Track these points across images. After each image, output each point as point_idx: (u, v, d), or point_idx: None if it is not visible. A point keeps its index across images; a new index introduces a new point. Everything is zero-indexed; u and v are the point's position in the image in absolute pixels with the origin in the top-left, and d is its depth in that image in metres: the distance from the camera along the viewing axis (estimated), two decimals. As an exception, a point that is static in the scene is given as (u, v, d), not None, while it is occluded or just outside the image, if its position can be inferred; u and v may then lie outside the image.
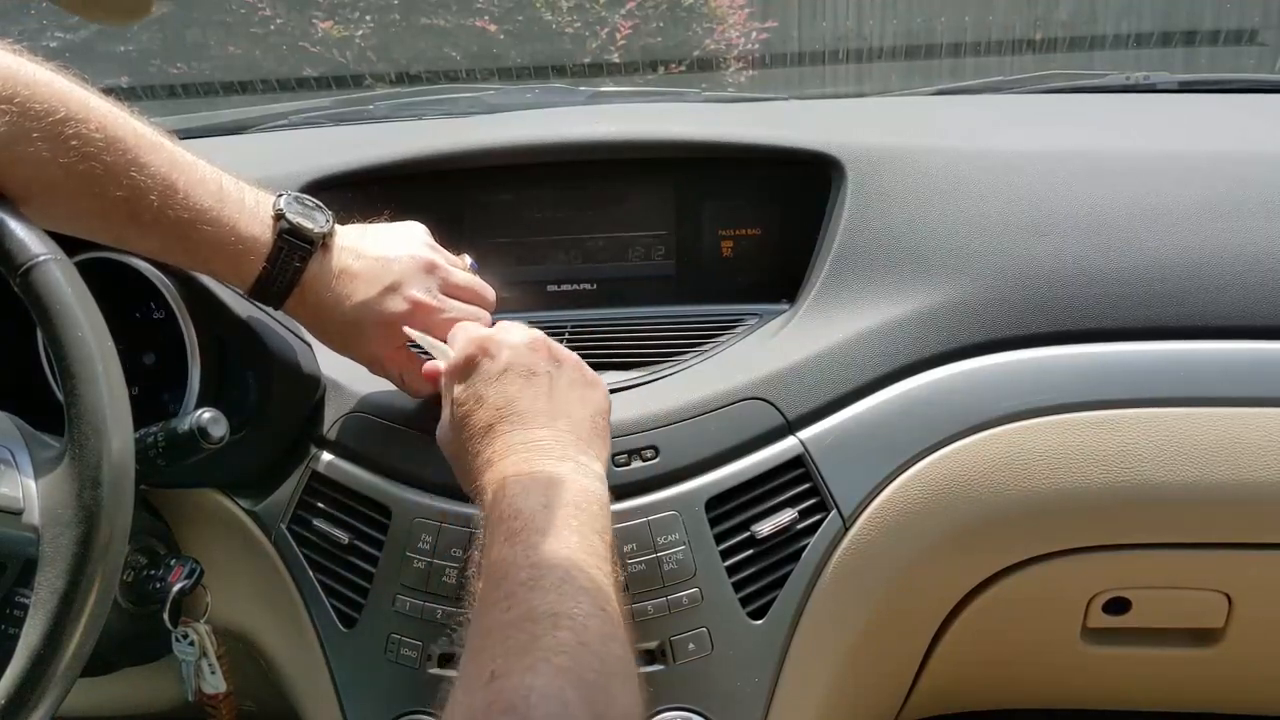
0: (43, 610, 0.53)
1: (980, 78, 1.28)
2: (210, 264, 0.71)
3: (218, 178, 0.69)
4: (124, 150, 0.63)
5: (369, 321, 0.75)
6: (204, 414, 0.69)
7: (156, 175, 0.65)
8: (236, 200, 0.70)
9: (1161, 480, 0.81)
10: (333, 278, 0.74)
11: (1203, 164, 0.91)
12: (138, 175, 0.64)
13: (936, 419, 0.82)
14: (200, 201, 0.67)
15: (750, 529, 0.79)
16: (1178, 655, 0.95)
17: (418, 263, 0.77)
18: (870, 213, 0.90)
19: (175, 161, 0.66)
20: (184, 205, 0.66)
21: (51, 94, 0.60)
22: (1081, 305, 0.84)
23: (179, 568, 0.79)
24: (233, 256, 0.70)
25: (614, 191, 0.99)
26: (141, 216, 0.65)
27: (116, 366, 0.57)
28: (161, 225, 0.66)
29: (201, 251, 0.69)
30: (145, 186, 0.64)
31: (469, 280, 0.81)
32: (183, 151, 0.68)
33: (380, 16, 5.14)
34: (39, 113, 0.59)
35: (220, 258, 0.70)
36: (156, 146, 0.66)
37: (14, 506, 0.57)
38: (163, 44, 5.22)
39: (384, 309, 0.75)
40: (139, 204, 0.65)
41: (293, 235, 0.71)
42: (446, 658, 0.80)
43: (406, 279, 0.76)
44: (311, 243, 0.72)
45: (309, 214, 0.73)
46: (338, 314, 0.74)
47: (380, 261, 0.76)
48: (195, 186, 0.67)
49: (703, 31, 5.43)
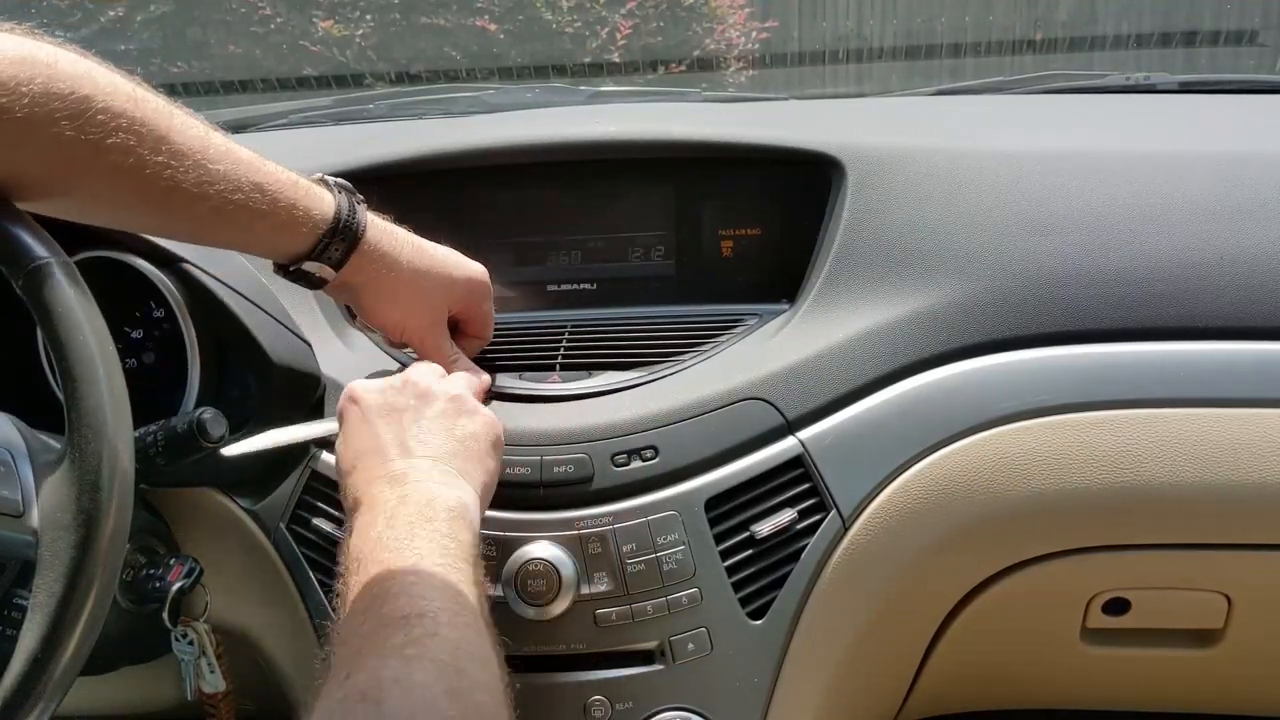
0: (41, 613, 0.53)
1: (980, 78, 1.28)
2: (258, 233, 0.69)
3: (252, 151, 0.68)
4: (156, 122, 0.61)
5: (443, 281, 0.79)
6: (203, 413, 0.69)
7: (191, 143, 0.63)
8: (275, 167, 0.69)
9: (1161, 481, 0.81)
10: (392, 239, 0.76)
11: (1203, 164, 0.91)
12: (176, 142, 0.62)
13: (936, 419, 0.82)
14: (241, 168, 0.66)
15: (750, 529, 0.79)
16: (1177, 656, 0.95)
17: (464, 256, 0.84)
18: (870, 213, 0.90)
19: (209, 132, 0.65)
20: (226, 171, 0.65)
21: (75, 73, 0.58)
22: (1081, 305, 0.84)
23: (178, 567, 0.79)
24: (286, 221, 0.69)
25: (614, 191, 0.99)
26: (182, 183, 0.63)
27: (118, 370, 0.57)
28: (204, 201, 0.64)
29: (254, 218, 0.67)
30: (183, 152, 0.62)
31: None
32: (216, 129, 0.66)
33: (380, 16, 5.14)
34: (62, 91, 0.57)
35: (268, 224, 0.68)
36: (188, 120, 0.64)
37: (14, 509, 0.57)
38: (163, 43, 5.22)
39: (462, 268, 0.81)
40: (178, 170, 0.62)
41: (344, 191, 0.73)
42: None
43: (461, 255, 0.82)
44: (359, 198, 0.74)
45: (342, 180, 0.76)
46: (405, 274, 0.77)
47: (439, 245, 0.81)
48: (232, 154, 0.66)
49: (703, 31, 5.43)
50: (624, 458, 0.81)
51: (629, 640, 0.80)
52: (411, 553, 0.58)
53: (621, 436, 0.81)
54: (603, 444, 0.81)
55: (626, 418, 0.82)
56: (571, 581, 0.78)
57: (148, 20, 5.25)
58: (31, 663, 0.52)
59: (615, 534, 0.79)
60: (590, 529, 0.79)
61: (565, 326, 0.95)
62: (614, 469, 0.80)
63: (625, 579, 0.78)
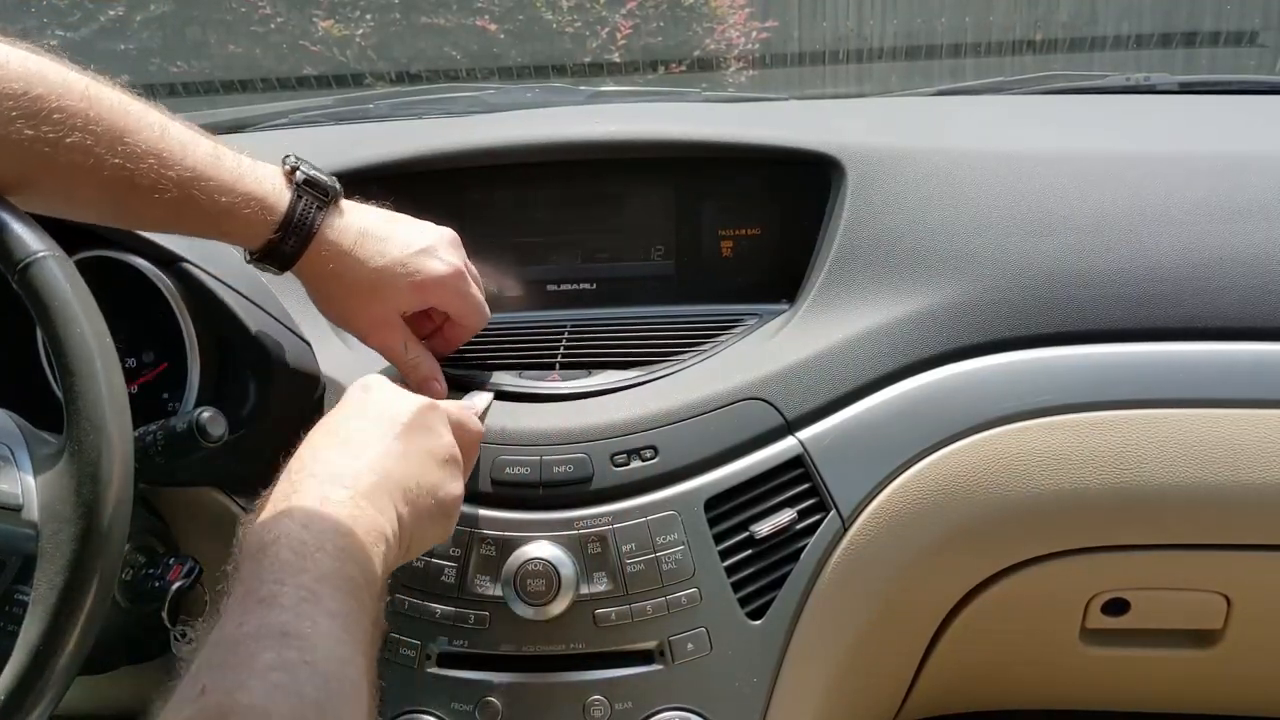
0: (42, 607, 0.53)
1: (981, 78, 1.28)
2: (220, 224, 0.69)
3: (211, 141, 0.68)
4: (111, 120, 0.62)
5: (399, 281, 0.75)
6: (203, 413, 0.69)
7: (149, 140, 0.63)
8: (234, 160, 0.69)
9: (1161, 481, 0.81)
10: (355, 236, 0.74)
11: (1203, 165, 0.91)
12: (131, 142, 0.62)
13: (936, 419, 0.82)
14: (198, 162, 0.66)
15: (749, 529, 0.79)
16: (1176, 656, 0.95)
17: (445, 234, 0.80)
18: (870, 213, 0.90)
19: (166, 125, 0.65)
20: (183, 166, 0.65)
21: (25, 71, 0.58)
22: (1081, 306, 0.84)
23: (178, 566, 0.79)
24: (243, 214, 0.69)
25: (614, 191, 0.99)
26: (140, 183, 0.63)
27: (116, 364, 0.57)
28: (163, 189, 0.64)
29: (210, 211, 0.67)
30: (140, 152, 0.63)
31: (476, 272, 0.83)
32: (170, 117, 0.66)
33: (380, 15, 5.14)
34: (14, 92, 0.57)
35: (229, 216, 0.69)
36: (143, 112, 0.64)
37: (13, 503, 0.57)
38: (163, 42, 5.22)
39: (421, 267, 0.76)
40: (136, 170, 0.63)
41: (310, 185, 0.72)
42: (445, 657, 0.80)
43: (440, 245, 0.78)
44: (327, 193, 0.73)
45: (319, 171, 0.74)
46: (361, 273, 0.74)
47: (409, 226, 0.78)
48: (190, 147, 0.66)
49: (703, 31, 5.43)
50: (624, 458, 0.81)
51: (628, 640, 0.80)
52: (312, 564, 0.53)
53: (621, 436, 0.81)
54: (602, 444, 0.81)
55: (626, 418, 0.82)
56: (571, 581, 0.78)
57: (147, 20, 5.25)
58: (34, 655, 0.52)
59: (615, 534, 0.79)
60: (590, 529, 0.79)
61: (565, 326, 0.95)
62: (613, 469, 0.80)
63: (625, 579, 0.78)
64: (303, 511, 0.57)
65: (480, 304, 0.82)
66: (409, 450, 0.65)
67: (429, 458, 0.66)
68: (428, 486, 0.65)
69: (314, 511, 0.57)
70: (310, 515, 0.56)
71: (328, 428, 0.66)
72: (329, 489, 0.59)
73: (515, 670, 0.80)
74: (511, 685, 0.79)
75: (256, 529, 0.56)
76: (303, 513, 0.57)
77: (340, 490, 0.59)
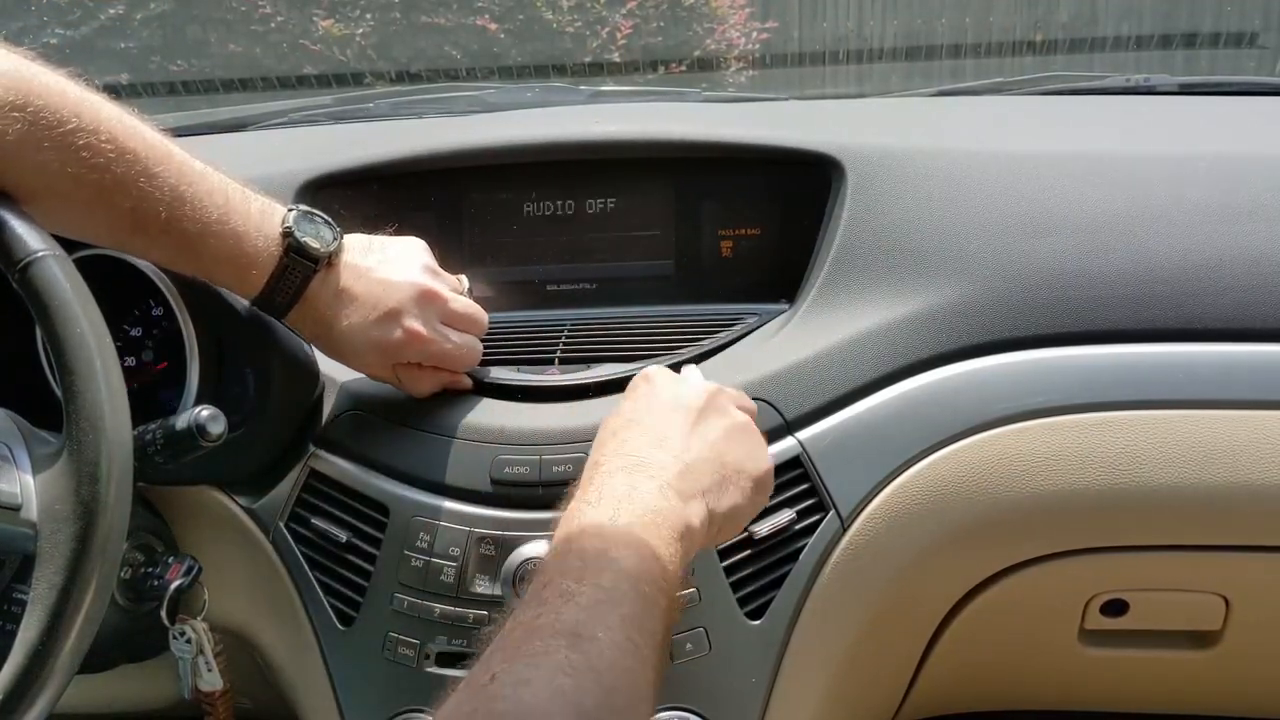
0: (40, 606, 0.53)
1: (981, 79, 1.28)
2: (216, 275, 0.72)
3: (225, 189, 0.70)
4: (133, 162, 0.64)
5: (365, 344, 0.77)
6: (202, 411, 0.69)
7: (164, 187, 0.65)
8: (243, 213, 0.70)
9: (1160, 482, 0.81)
10: (334, 295, 0.75)
11: (1202, 166, 0.91)
12: (146, 186, 0.64)
13: (935, 420, 0.82)
14: (207, 214, 0.68)
15: (748, 529, 0.79)
16: (1175, 657, 0.95)
17: (417, 291, 0.78)
18: (870, 213, 0.90)
19: (183, 173, 0.67)
20: (190, 218, 0.67)
21: (64, 103, 0.60)
22: (1080, 307, 0.84)
23: (177, 565, 0.79)
24: (238, 269, 0.71)
25: (614, 191, 0.99)
26: (148, 228, 0.66)
27: (115, 363, 0.57)
28: (168, 236, 0.67)
29: (206, 262, 0.70)
30: (153, 198, 0.65)
31: (465, 307, 0.82)
32: (191, 161, 0.68)
33: (380, 15, 5.14)
34: (51, 122, 0.59)
35: (226, 269, 0.71)
36: (165, 158, 0.66)
37: (12, 502, 0.57)
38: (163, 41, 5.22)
39: (381, 335, 0.77)
40: (146, 215, 0.65)
41: (299, 254, 0.72)
42: (444, 656, 0.80)
43: (405, 308, 0.77)
44: (316, 261, 0.73)
45: (317, 231, 0.74)
46: (336, 330, 0.76)
47: (381, 286, 0.77)
48: (202, 198, 0.68)
49: (703, 31, 5.43)
50: (623, 457, 0.80)
51: (627, 640, 0.79)
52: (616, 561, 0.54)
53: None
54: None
55: (625, 417, 0.82)
56: (570, 581, 0.77)
57: (148, 18, 5.25)
58: (32, 654, 0.52)
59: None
60: (589, 528, 0.79)
61: (564, 325, 0.95)
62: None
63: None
64: (611, 503, 0.58)
65: (454, 350, 0.81)
66: (708, 433, 0.67)
67: (728, 437, 0.68)
68: (734, 464, 0.67)
69: (621, 503, 0.58)
70: (618, 508, 0.58)
71: (628, 418, 0.68)
72: (637, 479, 0.61)
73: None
74: None
75: (566, 519, 0.58)
76: (611, 504, 0.58)
77: (648, 480, 0.60)
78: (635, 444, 0.64)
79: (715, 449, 0.66)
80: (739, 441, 0.68)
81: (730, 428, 0.68)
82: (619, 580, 0.53)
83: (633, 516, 0.57)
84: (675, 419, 0.66)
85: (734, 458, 0.67)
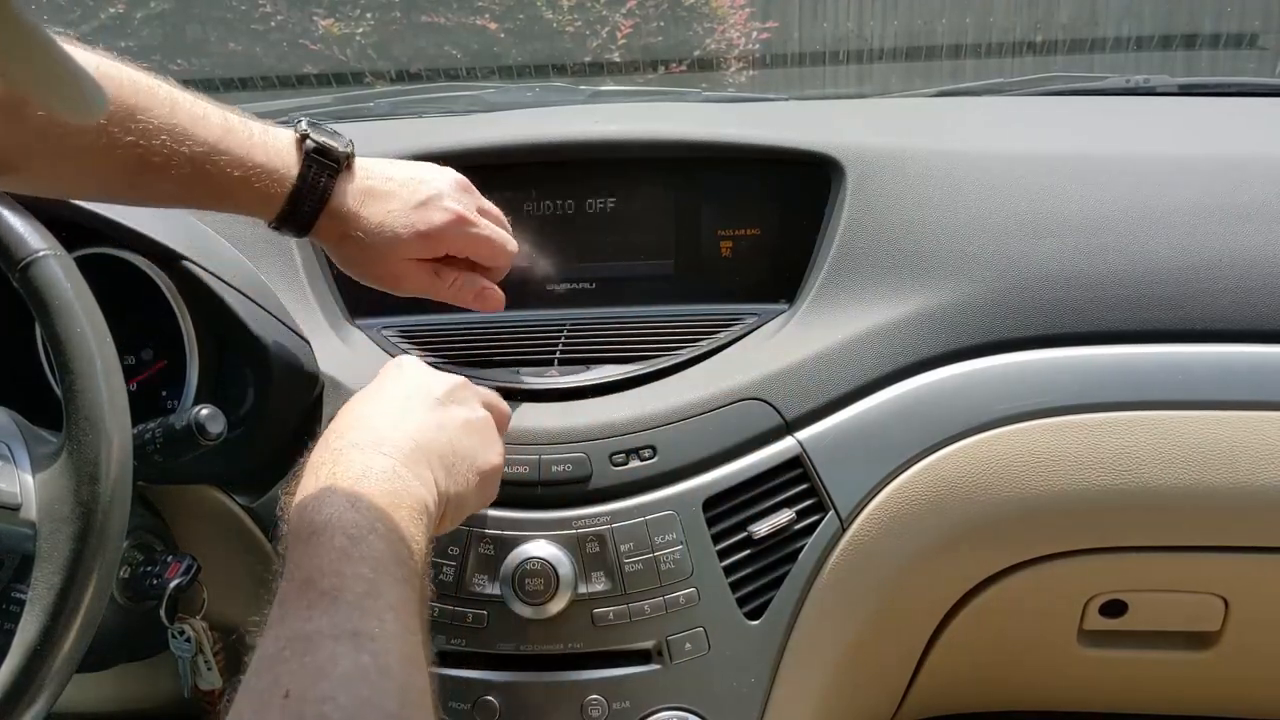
0: (39, 606, 0.53)
1: (980, 79, 1.28)
2: (234, 197, 0.70)
3: (221, 111, 0.69)
4: (122, 98, 0.62)
5: (408, 233, 0.76)
6: (202, 410, 0.69)
7: (159, 116, 0.64)
8: (245, 130, 0.69)
9: (1159, 483, 0.81)
10: (364, 192, 0.75)
11: (1202, 167, 0.91)
12: (142, 119, 0.63)
13: (934, 420, 0.82)
14: (209, 135, 0.66)
15: (747, 529, 0.79)
16: (1174, 658, 0.95)
17: (452, 179, 0.80)
18: (870, 213, 0.90)
19: (175, 100, 0.65)
20: (195, 140, 0.65)
21: None
22: (1080, 307, 0.84)
23: (176, 564, 0.79)
24: (256, 184, 0.70)
25: (614, 191, 0.99)
26: (152, 159, 0.64)
27: (115, 363, 0.57)
28: (175, 165, 0.65)
29: (223, 184, 0.68)
30: (151, 129, 0.63)
31: (492, 206, 0.84)
32: (181, 90, 0.67)
33: (381, 14, 5.14)
34: None
35: (243, 189, 0.69)
36: (153, 88, 0.64)
37: (11, 502, 0.57)
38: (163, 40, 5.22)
39: (425, 219, 0.76)
40: (148, 148, 0.63)
41: (320, 154, 0.72)
42: (443, 656, 0.80)
43: (444, 192, 0.78)
44: (338, 160, 0.73)
45: (332, 134, 0.74)
46: (373, 223, 0.75)
47: (414, 178, 0.78)
48: (201, 121, 0.66)
49: (703, 31, 5.43)
50: (622, 457, 0.81)
51: (626, 640, 0.80)
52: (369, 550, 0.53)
53: (620, 436, 0.81)
54: (601, 443, 0.81)
55: (625, 417, 0.82)
56: (569, 581, 0.78)
57: (148, 17, 5.25)
58: (30, 655, 0.52)
59: (613, 533, 0.79)
60: (588, 528, 0.79)
61: (563, 325, 0.95)
62: (612, 468, 0.80)
63: (623, 578, 0.78)
64: (348, 487, 0.56)
65: (495, 239, 0.81)
66: (445, 420, 0.66)
67: (465, 427, 0.68)
68: (465, 454, 0.66)
69: (359, 486, 0.57)
70: (356, 491, 0.56)
71: (365, 397, 0.67)
72: (371, 458, 0.59)
73: (513, 669, 0.80)
74: (509, 684, 0.79)
75: (303, 508, 0.55)
76: (348, 489, 0.56)
77: (382, 459, 0.59)
78: (369, 422, 0.63)
79: (448, 434, 0.66)
80: (474, 433, 0.68)
81: (468, 420, 0.68)
82: (378, 572, 0.52)
83: (373, 501, 0.56)
84: (414, 403, 0.66)
85: (465, 446, 0.67)
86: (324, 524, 0.53)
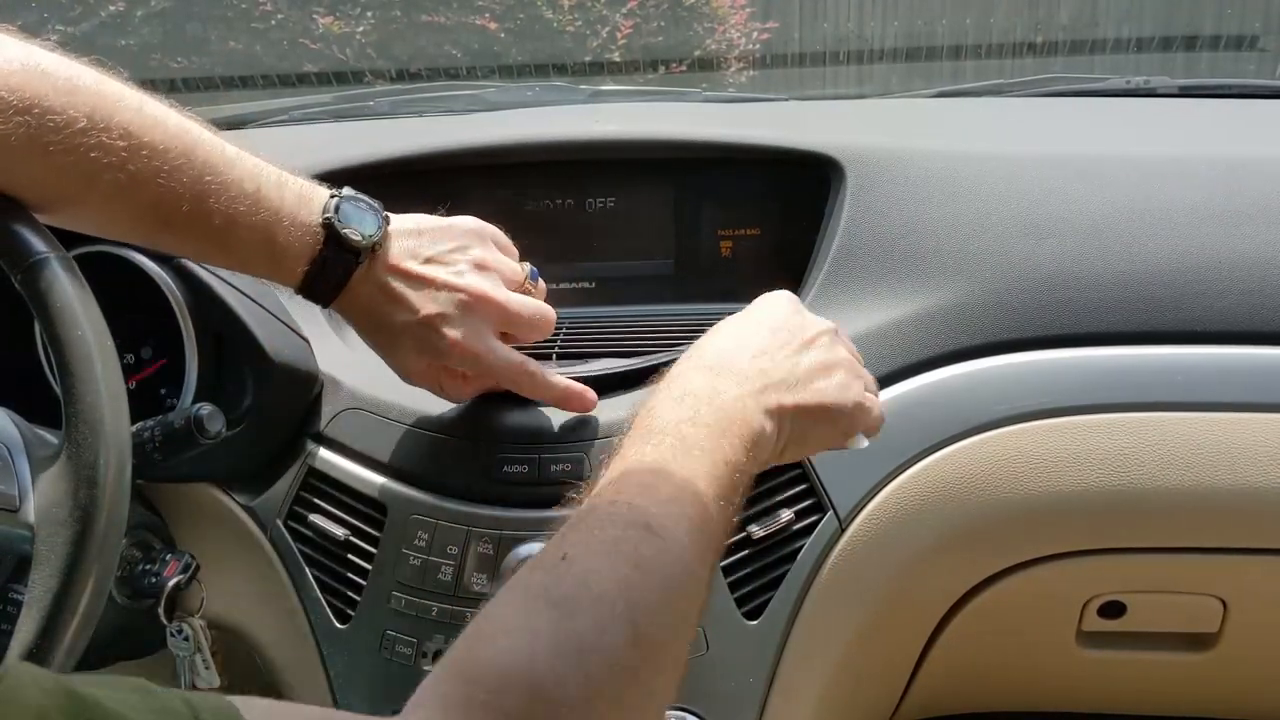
0: (36, 608, 0.53)
1: (981, 80, 1.29)
2: (251, 266, 0.69)
3: (257, 176, 0.66)
4: (150, 157, 0.61)
5: (413, 347, 0.72)
6: (201, 409, 0.69)
7: (186, 181, 0.62)
8: (275, 202, 0.66)
9: (1158, 485, 0.81)
10: (379, 290, 0.71)
11: (1202, 169, 0.91)
12: (166, 182, 0.62)
13: (934, 421, 0.82)
14: (235, 205, 0.64)
15: (746, 529, 0.79)
16: (1173, 660, 0.95)
17: (465, 295, 0.71)
18: (870, 214, 0.90)
19: (209, 163, 0.64)
20: (217, 210, 0.64)
21: (74, 102, 0.58)
22: (1080, 309, 0.84)
23: (174, 562, 0.79)
24: (272, 260, 0.67)
25: (614, 191, 0.99)
26: (173, 222, 0.63)
27: (115, 365, 0.57)
28: (194, 230, 0.64)
29: (239, 254, 0.67)
30: (175, 193, 0.62)
31: (521, 307, 0.75)
32: (220, 149, 0.65)
33: (381, 13, 5.14)
34: (58, 124, 0.57)
35: (259, 260, 0.68)
36: (188, 149, 0.63)
37: (10, 503, 0.57)
38: (163, 38, 5.21)
39: (424, 340, 0.71)
40: (169, 210, 0.63)
41: (339, 245, 0.68)
42: (442, 655, 0.80)
43: (449, 314, 0.71)
44: (357, 254, 0.68)
45: (361, 219, 0.69)
46: (384, 329, 0.72)
47: (425, 287, 0.71)
48: (230, 188, 0.64)
49: (704, 31, 5.43)
50: (621, 457, 0.80)
51: (625, 639, 0.79)
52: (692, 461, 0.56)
53: (619, 436, 0.80)
54: (600, 443, 0.81)
55: (624, 417, 0.82)
56: (568, 580, 0.77)
57: (148, 15, 5.25)
58: (28, 656, 0.52)
59: (612, 533, 0.79)
60: (587, 528, 0.79)
61: (563, 324, 0.95)
62: (610, 469, 0.80)
63: (622, 578, 0.78)
64: (693, 402, 0.60)
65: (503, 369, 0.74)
66: (805, 359, 0.67)
67: (825, 368, 0.67)
68: (820, 392, 0.66)
69: (703, 404, 0.60)
70: (698, 408, 0.60)
71: (735, 322, 0.69)
72: (720, 382, 0.62)
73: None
74: None
75: (650, 411, 0.60)
76: (693, 404, 0.60)
77: (732, 386, 0.62)
78: (728, 348, 0.66)
79: (807, 373, 0.66)
80: (834, 376, 0.67)
81: (831, 361, 0.68)
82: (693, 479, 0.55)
83: (711, 419, 0.59)
84: (779, 338, 0.67)
85: (823, 386, 0.66)
86: (660, 429, 0.58)
